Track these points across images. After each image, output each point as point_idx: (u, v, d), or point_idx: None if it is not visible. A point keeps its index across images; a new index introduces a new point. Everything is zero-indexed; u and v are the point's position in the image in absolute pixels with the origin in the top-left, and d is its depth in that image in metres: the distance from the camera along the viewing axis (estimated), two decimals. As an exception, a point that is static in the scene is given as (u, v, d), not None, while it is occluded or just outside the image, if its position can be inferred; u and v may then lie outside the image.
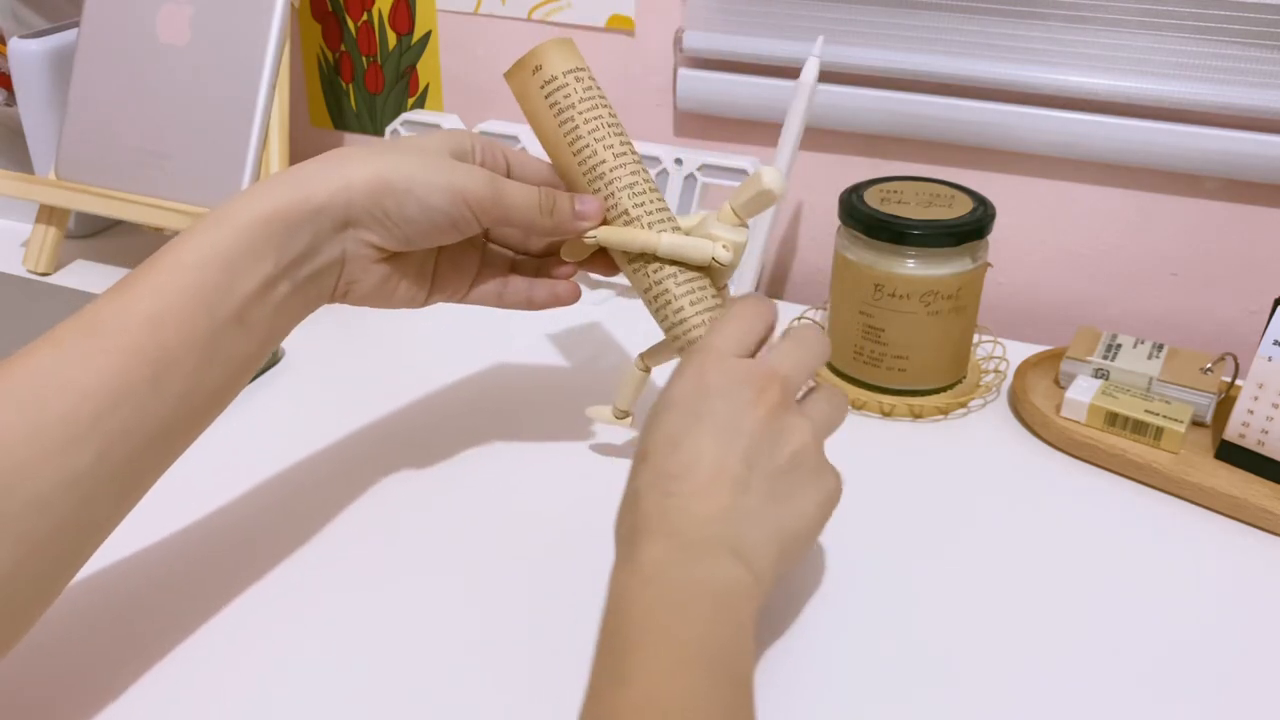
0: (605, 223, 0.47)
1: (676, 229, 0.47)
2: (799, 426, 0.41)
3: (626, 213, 0.46)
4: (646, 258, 0.46)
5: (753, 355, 0.42)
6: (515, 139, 0.74)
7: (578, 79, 0.46)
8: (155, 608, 0.46)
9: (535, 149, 0.74)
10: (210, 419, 0.41)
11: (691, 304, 0.46)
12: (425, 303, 0.49)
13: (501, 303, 0.51)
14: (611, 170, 0.46)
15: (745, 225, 0.47)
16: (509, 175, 0.48)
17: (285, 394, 0.62)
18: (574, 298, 0.51)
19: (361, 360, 0.66)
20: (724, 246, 0.46)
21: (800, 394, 0.43)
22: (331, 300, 0.45)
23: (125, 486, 0.38)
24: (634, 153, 0.47)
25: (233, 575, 0.48)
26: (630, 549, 0.37)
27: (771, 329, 0.44)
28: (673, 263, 0.46)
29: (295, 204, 0.40)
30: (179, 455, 0.40)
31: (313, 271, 0.42)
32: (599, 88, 0.47)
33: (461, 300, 0.50)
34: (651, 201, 0.47)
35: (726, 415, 0.39)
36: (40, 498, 0.34)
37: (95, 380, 0.36)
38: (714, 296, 0.47)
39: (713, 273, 0.47)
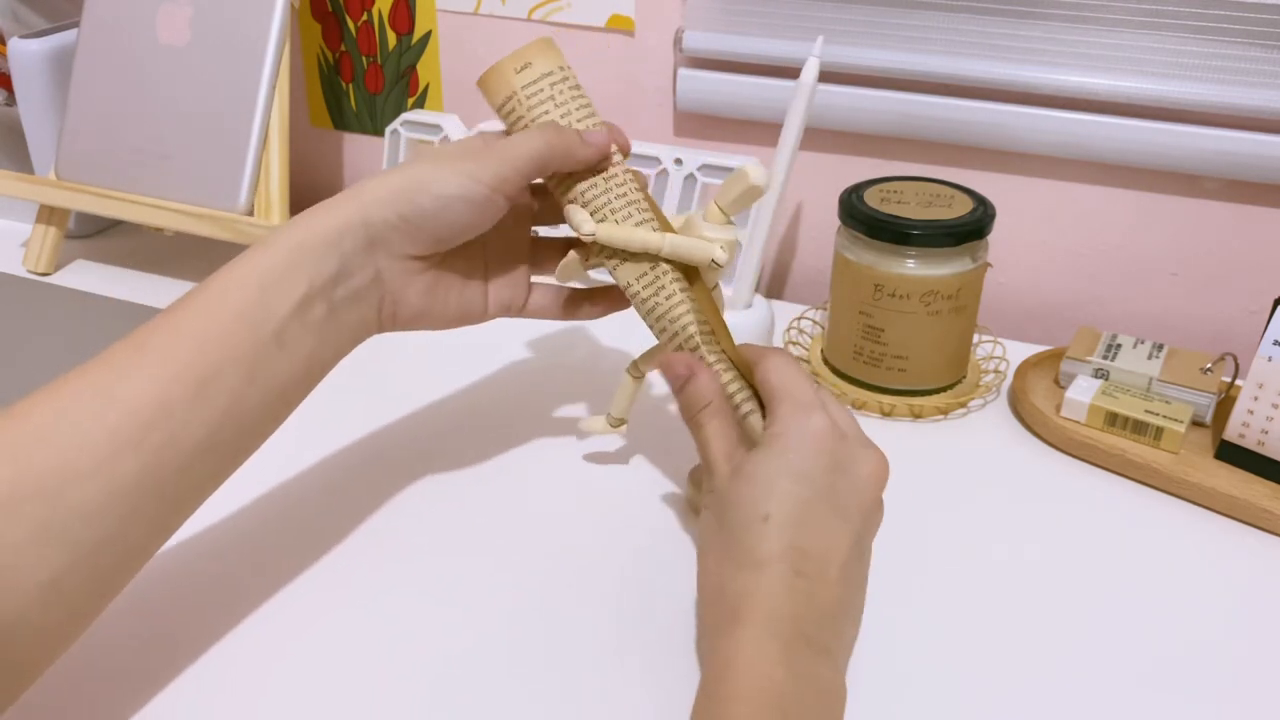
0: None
1: (652, 225, 0.46)
2: (882, 504, 0.43)
3: (614, 212, 0.46)
4: (642, 266, 0.46)
5: None
6: (515, 139, 0.74)
7: (534, 93, 0.45)
8: (155, 623, 0.46)
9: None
10: (253, 445, 0.42)
11: (683, 311, 0.46)
12: (486, 315, 0.49)
13: (563, 314, 0.51)
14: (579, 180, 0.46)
15: (733, 223, 0.46)
16: None
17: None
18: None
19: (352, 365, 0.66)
20: (721, 247, 0.45)
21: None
22: (381, 327, 0.46)
23: (170, 502, 0.39)
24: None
25: (233, 586, 0.48)
26: (748, 613, 0.37)
27: None
28: (672, 264, 0.46)
29: (319, 230, 0.42)
30: (224, 479, 0.41)
31: (348, 292, 0.43)
32: (565, 91, 0.46)
33: (521, 312, 0.50)
34: (621, 198, 0.46)
35: (850, 497, 0.41)
36: (87, 507, 0.35)
37: (141, 394, 0.37)
38: (699, 311, 0.46)
39: (705, 274, 0.47)
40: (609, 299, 0.51)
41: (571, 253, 0.49)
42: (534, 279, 0.51)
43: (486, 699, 0.42)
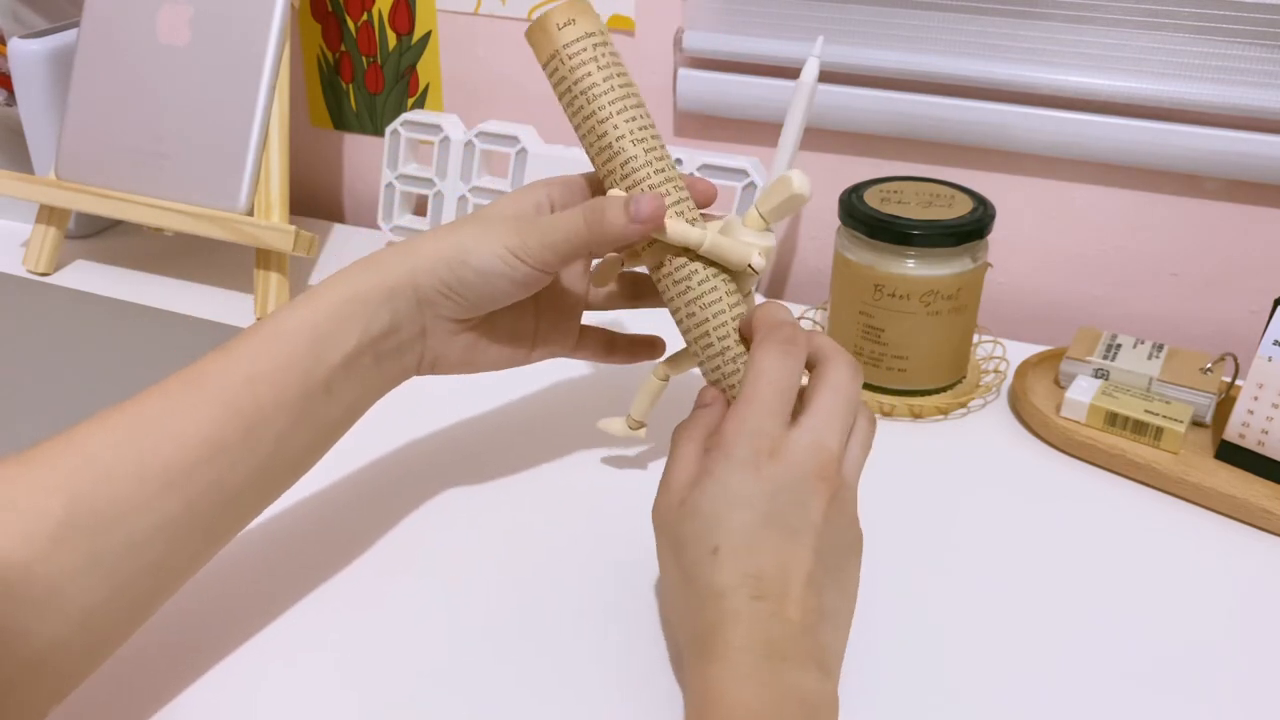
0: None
1: (688, 217, 0.44)
2: (851, 499, 0.41)
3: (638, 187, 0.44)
4: (678, 261, 0.44)
5: (792, 407, 0.41)
6: (515, 139, 0.74)
7: (577, 52, 0.44)
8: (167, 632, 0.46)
9: (535, 147, 0.74)
10: (293, 480, 0.44)
11: (717, 314, 0.44)
12: (529, 362, 0.50)
13: (604, 358, 0.53)
14: (620, 153, 0.44)
15: (771, 230, 0.45)
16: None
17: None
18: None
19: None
20: (760, 253, 0.44)
21: None
22: (419, 373, 0.47)
23: (209, 535, 0.40)
24: (643, 129, 0.44)
25: (241, 595, 0.48)
26: (715, 647, 0.36)
27: (803, 365, 0.42)
28: (709, 264, 0.44)
29: (373, 287, 0.43)
30: (260, 512, 0.43)
31: (395, 345, 0.44)
32: (606, 56, 0.44)
33: (568, 355, 0.52)
34: (660, 173, 0.44)
35: (796, 512, 0.38)
36: (135, 538, 0.37)
37: (195, 431, 0.39)
38: (739, 304, 0.45)
39: (740, 279, 0.45)
40: (650, 346, 0.53)
41: (611, 254, 0.47)
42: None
43: (498, 707, 0.42)
